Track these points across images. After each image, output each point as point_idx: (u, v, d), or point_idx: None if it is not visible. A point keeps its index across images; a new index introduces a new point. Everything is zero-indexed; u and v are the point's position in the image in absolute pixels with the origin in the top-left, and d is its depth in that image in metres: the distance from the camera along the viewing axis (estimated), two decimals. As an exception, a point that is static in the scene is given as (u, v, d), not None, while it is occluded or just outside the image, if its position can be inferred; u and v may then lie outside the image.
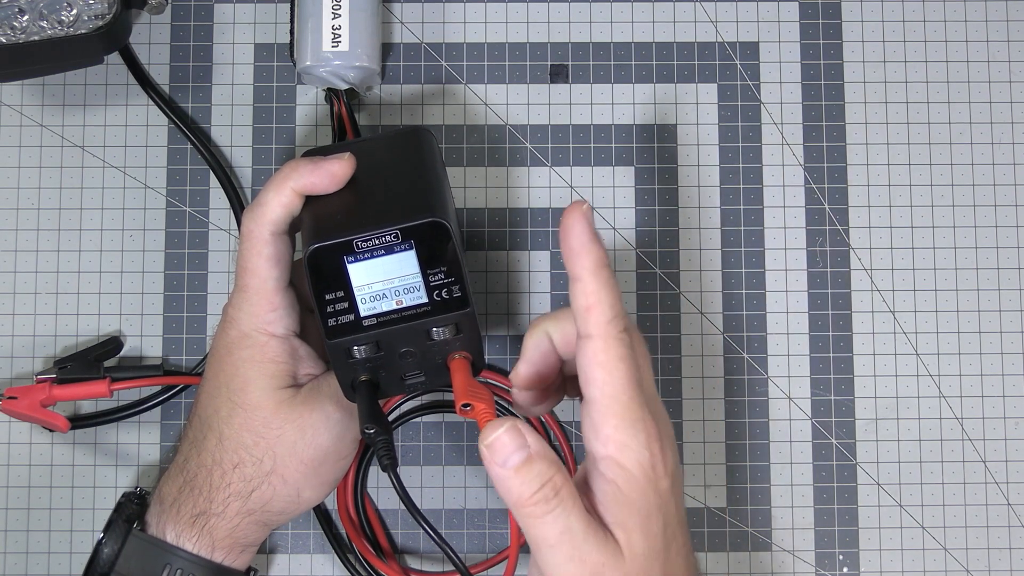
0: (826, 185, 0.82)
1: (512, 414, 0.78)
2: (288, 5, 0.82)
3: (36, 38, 0.74)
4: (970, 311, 0.81)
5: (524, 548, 0.78)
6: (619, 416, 0.57)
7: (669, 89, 0.82)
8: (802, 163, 0.82)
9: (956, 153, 0.82)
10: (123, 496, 0.70)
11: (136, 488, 0.72)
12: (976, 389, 0.80)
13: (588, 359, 0.57)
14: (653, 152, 0.82)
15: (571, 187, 0.81)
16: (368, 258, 0.62)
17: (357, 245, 0.62)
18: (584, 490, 0.58)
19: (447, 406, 0.79)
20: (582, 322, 0.57)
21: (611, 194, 0.81)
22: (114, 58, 0.81)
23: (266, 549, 0.78)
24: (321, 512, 0.78)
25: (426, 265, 0.62)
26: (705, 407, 0.80)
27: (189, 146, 0.81)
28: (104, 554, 0.68)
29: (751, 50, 0.83)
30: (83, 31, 0.74)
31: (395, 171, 0.66)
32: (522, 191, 0.81)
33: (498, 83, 0.82)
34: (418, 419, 0.80)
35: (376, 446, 0.64)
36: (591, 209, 0.59)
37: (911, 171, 0.82)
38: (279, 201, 0.64)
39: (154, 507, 0.69)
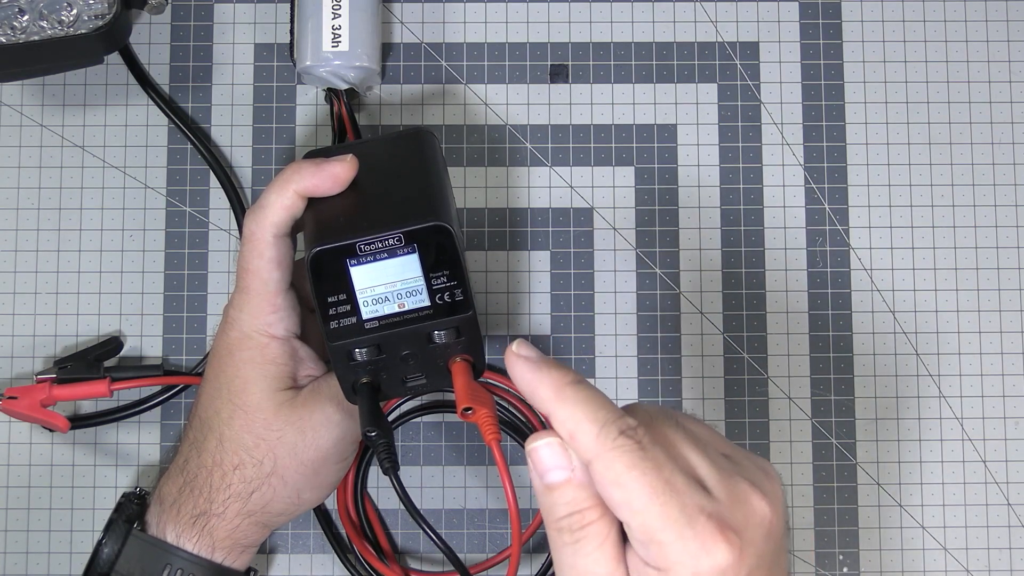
0: (826, 185, 0.82)
1: (513, 415, 0.78)
2: (288, 5, 0.81)
3: (36, 38, 0.73)
4: (970, 311, 0.81)
5: (525, 548, 0.78)
6: (660, 530, 0.50)
7: (669, 89, 0.82)
8: (802, 163, 0.82)
9: (956, 153, 0.82)
10: (123, 496, 0.70)
11: (136, 488, 0.72)
12: (976, 389, 0.80)
13: (600, 484, 0.51)
14: (653, 152, 0.82)
15: (571, 187, 0.81)
16: (371, 261, 0.62)
17: (360, 248, 0.62)
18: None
19: (447, 406, 0.79)
20: (575, 452, 0.52)
21: (611, 194, 0.81)
22: (114, 58, 0.81)
23: (266, 549, 0.79)
24: (321, 512, 0.78)
25: (429, 268, 0.62)
26: (705, 407, 0.80)
27: (189, 146, 0.81)
28: (104, 554, 0.68)
29: (751, 50, 0.83)
30: (83, 31, 0.74)
31: (398, 173, 0.66)
32: (522, 191, 0.81)
33: (498, 83, 0.82)
34: (418, 419, 0.80)
35: (377, 449, 0.64)
36: (523, 341, 0.54)
37: (911, 171, 0.82)
38: (281, 203, 0.64)
39: (154, 507, 0.69)
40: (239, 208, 0.80)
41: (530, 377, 0.53)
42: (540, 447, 0.52)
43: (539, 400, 0.53)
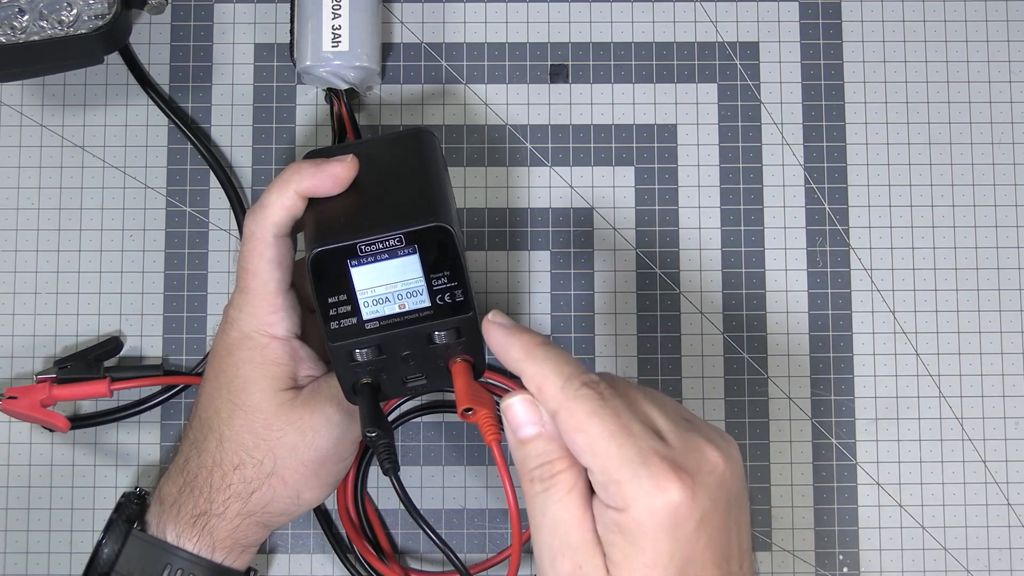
0: (826, 185, 0.82)
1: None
2: (288, 5, 0.81)
3: (36, 38, 0.73)
4: (970, 311, 0.81)
5: (525, 548, 0.78)
6: (617, 469, 0.54)
7: (669, 89, 0.82)
8: (802, 163, 0.82)
9: (956, 153, 0.82)
10: (123, 496, 0.70)
11: (136, 488, 0.72)
12: (976, 389, 0.80)
13: (564, 432, 0.56)
14: (653, 152, 0.82)
15: (571, 187, 0.81)
16: (371, 262, 0.62)
17: (360, 249, 0.62)
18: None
19: (447, 406, 0.79)
20: (543, 404, 0.57)
21: (611, 194, 0.81)
22: (114, 58, 0.81)
23: (266, 549, 0.79)
24: (321, 512, 0.78)
25: (429, 269, 0.62)
26: (705, 407, 0.80)
27: (189, 146, 0.81)
28: (104, 554, 0.68)
29: (751, 50, 0.83)
30: (83, 31, 0.74)
31: (398, 173, 0.66)
32: (522, 191, 0.81)
33: (498, 83, 0.82)
34: (418, 419, 0.80)
35: (377, 449, 0.64)
36: (498, 311, 0.61)
37: (911, 171, 0.82)
38: (281, 203, 0.64)
39: (154, 507, 0.69)
40: (239, 208, 0.80)
41: (503, 340, 0.59)
42: (514, 403, 0.58)
43: (511, 360, 0.59)
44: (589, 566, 0.55)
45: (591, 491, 0.56)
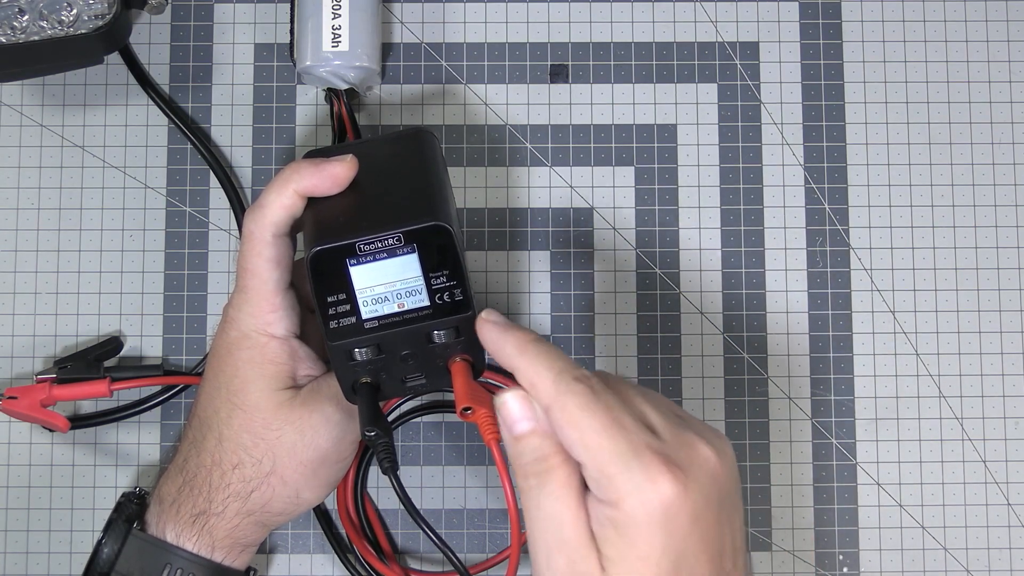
0: (826, 185, 0.82)
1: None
2: (288, 5, 0.81)
3: (36, 38, 0.73)
4: (970, 311, 0.81)
5: (525, 548, 0.78)
6: (608, 463, 0.54)
7: (669, 89, 0.82)
8: (802, 163, 0.82)
9: (956, 153, 0.82)
10: (123, 496, 0.70)
11: (136, 488, 0.72)
12: (976, 389, 0.80)
13: (557, 426, 0.56)
14: (653, 152, 0.82)
15: (571, 187, 0.81)
16: (370, 261, 0.62)
17: (360, 248, 0.62)
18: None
19: (447, 406, 0.79)
20: (536, 399, 0.57)
21: (611, 194, 0.81)
22: (114, 58, 0.81)
23: (266, 549, 0.79)
24: (321, 512, 0.78)
25: (428, 268, 0.62)
26: (705, 407, 0.80)
27: (189, 146, 0.81)
28: (104, 554, 0.68)
29: (751, 50, 0.83)
30: (83, 31, 0.74)
31: (397, 173, 0.66)
32: (522, 191, 0.81)
33: (498, 83, 0.82)
34: (418, 419, 0.80)
35: (377, 449, 0.64)
36: (492, 309, 0.62)
37: (911, 171, 0.82)
38: (280, 203, 0.64)
39: (154, 507, 0.69)
40: (239, 208, 0.80)
41: (497, 338, 0.60)
42: (508, 400, 0.58)
43: (505, 357, 0.59)
44: (583, 562, 0.55)
45: (585, 487, 0.56)
